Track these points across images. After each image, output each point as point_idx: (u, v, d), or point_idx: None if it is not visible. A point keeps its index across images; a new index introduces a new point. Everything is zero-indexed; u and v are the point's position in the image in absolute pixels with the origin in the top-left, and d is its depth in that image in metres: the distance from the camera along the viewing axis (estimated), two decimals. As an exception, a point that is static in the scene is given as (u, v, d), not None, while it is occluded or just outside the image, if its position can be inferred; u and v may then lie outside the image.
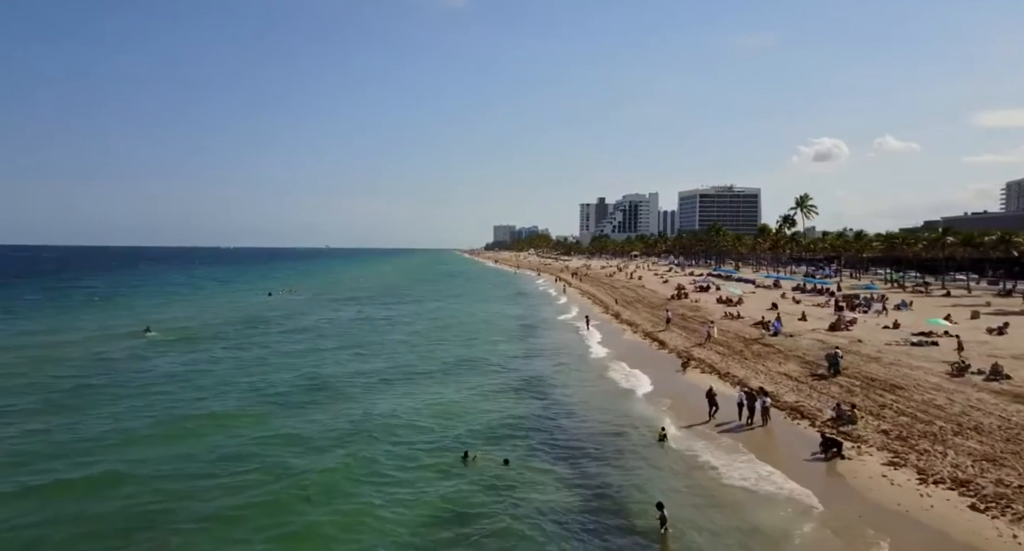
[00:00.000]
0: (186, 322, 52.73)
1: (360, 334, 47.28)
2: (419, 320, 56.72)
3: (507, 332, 48.89)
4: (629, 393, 28.12)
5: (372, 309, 67.25)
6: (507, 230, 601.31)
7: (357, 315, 60.49)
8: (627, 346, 41.05)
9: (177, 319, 54.42)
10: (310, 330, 49.00)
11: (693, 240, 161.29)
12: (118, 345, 40.54)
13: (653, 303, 64.05)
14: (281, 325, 52.10)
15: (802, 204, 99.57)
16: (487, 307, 70.15)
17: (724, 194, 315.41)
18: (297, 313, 61.49)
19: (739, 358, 33.57)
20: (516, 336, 46.71)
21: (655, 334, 43.83)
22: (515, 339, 45.21)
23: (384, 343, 43.08)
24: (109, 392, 27.85)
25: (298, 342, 43.10)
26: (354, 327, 51.46)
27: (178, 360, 35.63)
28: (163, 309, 63.31)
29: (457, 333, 48.18)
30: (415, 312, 64.37)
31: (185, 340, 43.03)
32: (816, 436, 20.40)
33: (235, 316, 57.62)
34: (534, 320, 57.28)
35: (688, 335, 42.16)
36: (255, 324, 52.48)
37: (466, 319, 57.54)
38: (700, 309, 55.37)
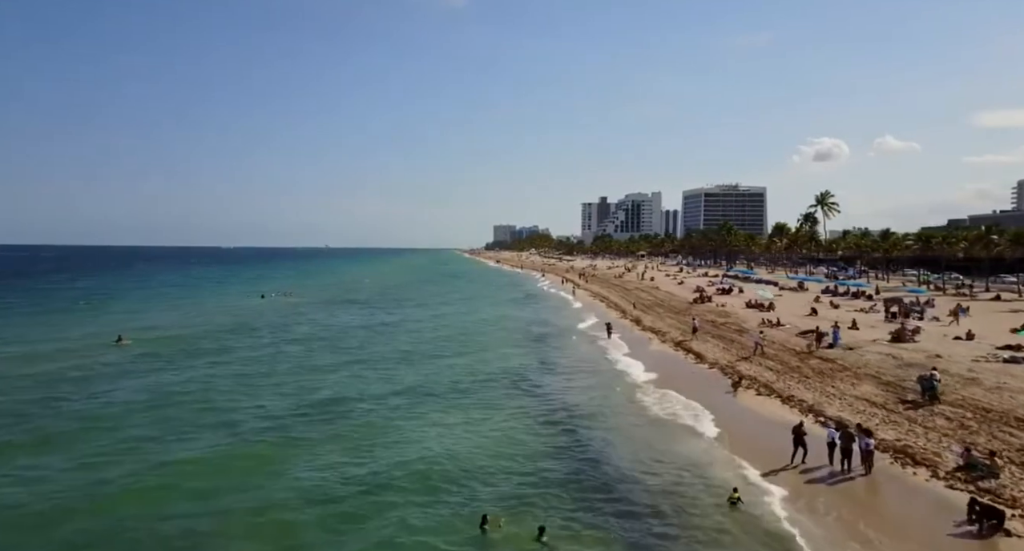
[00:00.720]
0: (168, 329, 47.88)
1: (357, 345, 42.41)
2: (422, 327, 51.85)
3: (520, 342, 44.02)
4: (678, 427, 23.22)
5: (370, 314, 62.41)
6: (507, 230, 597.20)
7: (354, 321, 55.62)
8: (658, 359, 36.15)
9: (159, 326, 49.56)
10: (301, 340, 44.12)
11: (703, 239, 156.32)
12: (84, 359, 35.63)
13: (675, 308, 59.18)
14: (271, 333, 47.23)
15: (823, 201, 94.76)
16: (495, 312, 65.28)
17: (729, 193, 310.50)
18: (290, 319, 56.64)
19: (797, 376, 28.69)
20: (531, 347, 41.84)
21: (687, 344, 38.94)
22: (530, 351, 40.36)
23: (383, 356, 38.19)
24: (40, 430, 22.85)
25: (287, 356, 38.23)
26: (351, 336, 46.59)
27: (144, 381, 30.70)
28: (148, 314, 58.46)
29: (464, 343, 43.33)
30: (417, 317, 59.51)
31: (161, 352, 38.12)
32: (945, 494, 15.58)
33: (222, 322, 52.75)
34: (548, 327, 52.39)
35: (726, 346, 37.27)
36: (242, 332, 47.61)
37: (473, 326, 52.66)
38: (729, 315, 50.49)
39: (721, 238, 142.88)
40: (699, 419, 23.66)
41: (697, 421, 23.46)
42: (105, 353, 37.84)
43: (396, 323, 54.29)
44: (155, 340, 42.53)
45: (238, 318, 56.12)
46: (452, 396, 28.11)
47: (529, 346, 42.29)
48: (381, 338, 45.32)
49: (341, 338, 45.02)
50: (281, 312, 62.18)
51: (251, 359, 36.95)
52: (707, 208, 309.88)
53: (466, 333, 48.75)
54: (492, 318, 58.69)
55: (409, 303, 75.03)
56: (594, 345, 41.94)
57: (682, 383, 29.29)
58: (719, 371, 31.71)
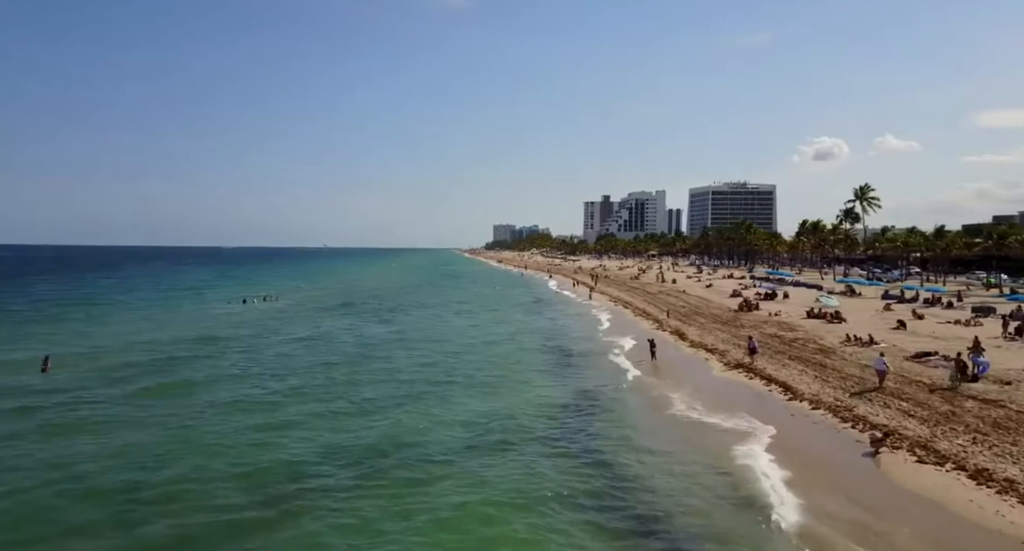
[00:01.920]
0: (114, 349, 38.99)
1: (339, 368, 33.72)
2: (419, 341, 43.14)
3: (542, 366, 35.33)
4: (809, 534, 14.58)
5: (362, 323, 53.75)
6: (507, 229, 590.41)
7: (340, 333, 46.97)
8: (737, 396, 27.49)
9: (106, 345, 40.62)
10: (272, 362, 35.44)
11: (719, 238, 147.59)
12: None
13: (718, 317, 50.53)
14: (237, 350, 38.60)
15: (862, 195, 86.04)
16: (504, 321, 56.63)
17: (738, 191, 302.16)
18: (267, 329, 47.98)
19: (960, 428, 20.02)
20: (556, 373, 33.17)
21: (763, 370, 30.22)
22: (556, 378, 31.71)
23: (372, 387, 29.55)
24: None
25: (247, 385, 29.59)
26: (333, 354, 37.94)
27: (40, 441, 22.05)
28: (103, 326, 49.56)
29: (473, 366, 34.65)
30: (414, 328, 50.87)
31: (86, 385, 29.35)
32: None
33: (184, 335, 44.08)
34: (570, 340, 43.74)
35: (818, 374, 28.55)
36: (203, 348, 38.96)
37: (481, 341, 43.98)
38: (795, 328, 41.88)
39: (740, 237, 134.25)
40: (863, 529, 14.94)
41: (829, 518, 14.76)
42: (24, 381, 29.26)
43: (388, 337, 45.58)
44: (90, 364, 33.77)
45: (207, 331, 47.44)
46: (461, 456, 19.48)
47: (555, 373, 33.51)
48: (367, 361, 36.49)
49: (318, 359, 36.19)
50: (259, 322, 53.50)
51: (196, 389, 28.34)
52: (715, 206, 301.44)
53: (473, 351, 40.10)
54: (502, 330, 50.01)
55: (405, 309, 66.36)
56: (637, 368, 33.09)
57: (794, 439, 20.68)
58: (829, 414, 23.08)
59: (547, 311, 65.71)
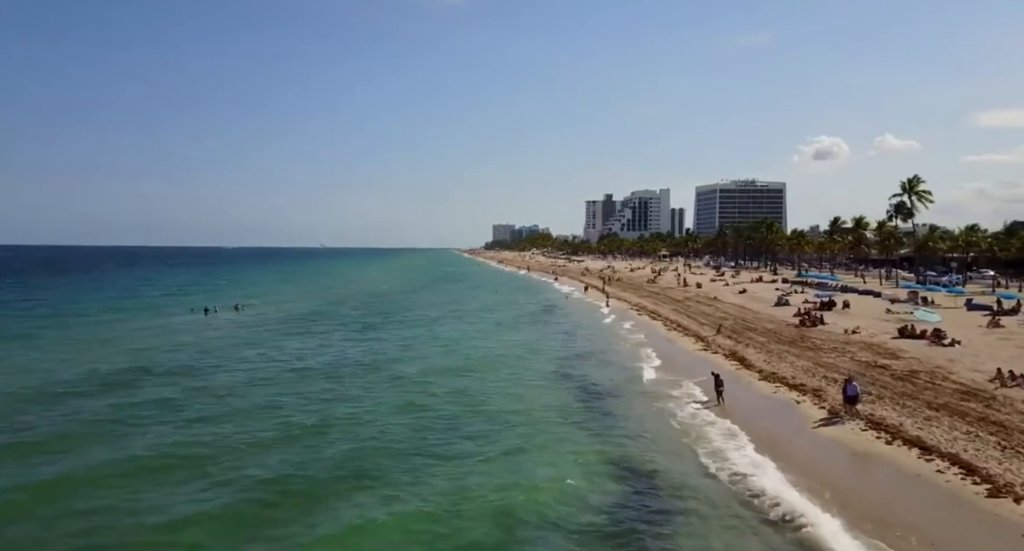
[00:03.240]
0: (7, 381, 29.66)
1: (294, 415, 24.01)
2: (407, 370, 33.38)
3: (569, 409, 25.53)
4: None
5: (340, 339, 44.15)
6: (507, 229, 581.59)
7: (310, 356, 37.31)
8: (868, 473, 17.86)
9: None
10: (206, 406, 25.70)
11: (737, 238, 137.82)
12: None
13: (779, 334, 40.84)
14: (169, 386, 28.92)
15: (911, 189, 76.29)
16: (509, 335, 47.00)
17: (746, 189, 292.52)
18: (211, 353, 38.27)
19: None
20: (591, 426, 23.32)
21: (902, 431, 20.44)
22: (594, 438, 22.01)
23: (332, 448, 19.99)
24: None
25: (146, 454, 19.97)
26: (294, 391, 28.18)
27: None
28: (19, 347, 40.14)
29: (475, 411, 24.94)
30: (403, 347, 41.26)
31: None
32: None
33: (116, 363, 34.19)
34: (598, 369, 34.04)
35: (999, 437, 18.86)
36: (126, 381, 29.43)
37: (486, 367, 34.31)
38: (896, 354, 32.17)
39: (760, 236, 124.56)
40: None
41: None
42: None
43: (370, 361, 35.83)
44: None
45: (145, 351, 37.88)
46: None
47: (586, 416, 23.84)
48: (340, 396, 26.92)
49: (269, 400, 26.40)
50: (210, 341, 43.81)
51: (83, 454, 18.80)
52: (722, 205, 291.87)
53: (476, 378, 30.48)
54: (508, 351, 40.29)
55: (396, 320, 56.66)
56: (716, 432, 23.16)
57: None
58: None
59: (560, 321, 56.05)
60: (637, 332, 47.15)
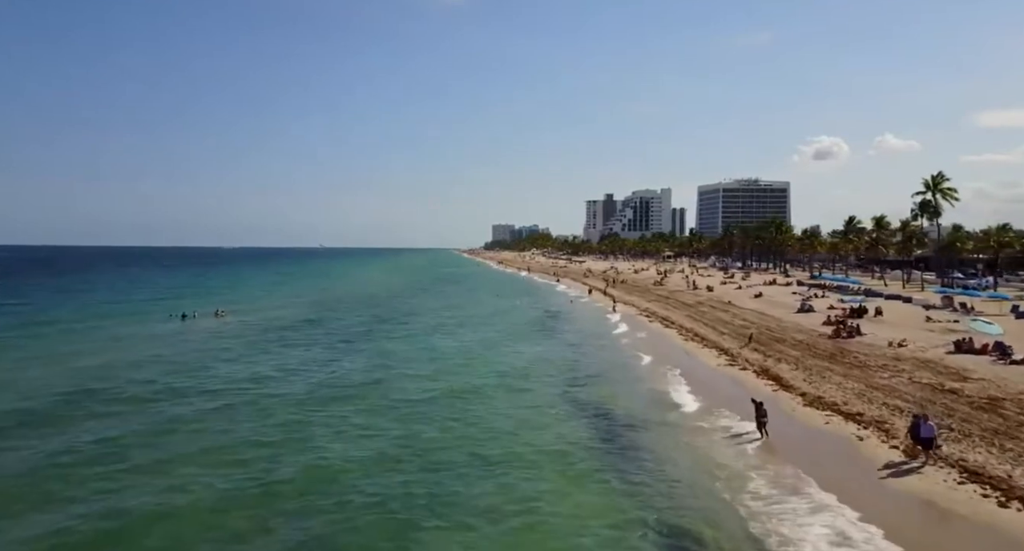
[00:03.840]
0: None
1: (243, 472, 19.67)
2: (394, 397, 29.05)
3: (586, 453, 21.18)
4: None
5: (323, 354, 39.83)
6: (506, 229, 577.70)
7: (281, 379, 32.97)
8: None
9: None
10: (138, 451, 21.33)
11: (745, 238, 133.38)
12: None
13: (812, 347, 36.49)
14: (104, 420, 24.54)
15: (936, 186, 71.95)
16: (511, 347, 42.70)
17: (750, 188, 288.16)
18: (181, 370, 33.94)
19: None
20: (615, 476, 18.83)
21: (1013, 484, 16.21)
22: (618, 493, 17.58)
23: (285, 529, 15.62)
24: None
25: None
26: (252, 428, 23.75)
27: None
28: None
29: (475, 456, 20.56)
30: (393, 363, 36.96)
31: None
32: None
33: (50, 389, 29.90)
34: (614, 391, 29.74)
35: None
36: (54, 416, 25.03)
37: (486, 390, 29.98)
38: (962, 374, 27.82)
39: (769, 236, 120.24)
40: None
41: None
42: None
43: (353, 383, 31.42)
44: None
45: (99, 372, 33.40)
46: None
47: (614, 477, 19.27)
48: (301, 450, 22.38)
49: (219, 443, 21.63)
50: (183, 353, 39.53)
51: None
52: (726, 205, 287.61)
53: (476, 408, 26.19)
54: (515, 367, 35.96)
55: (389, 329, 52.33)
56: (767, 481, 18.67)
57: None
58: None
59: (567, 330, 51.69)
60: (651, 343, 42.87)
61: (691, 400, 27.02)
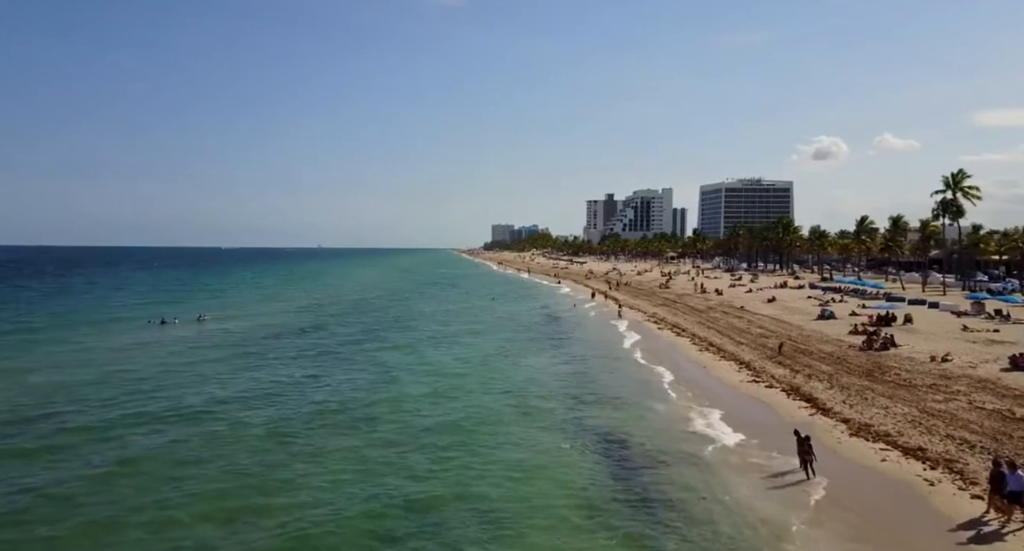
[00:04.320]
0: None
1: (204, 520, 16.24)
2: (375, 429, 25.43)
3: (600, 503, 17.64)
4: None
5: (302, 369, 36.32)
6: (506, 229, 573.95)
7: (257, 396, 29.50)
8: None
9: None
10: (75, 506, 17.91)
11: (751, 239, 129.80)
12: None
13: (842, 361, 32.97)
14: (39, 457, 21.12)
15: (956, 184, 68.50)
16: (515, 367, 39.23)
17: (753, 188, 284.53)
18: (143, 389, 30.48)
19: None
20: (633, 537, 15.60)
21: None
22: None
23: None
24: None
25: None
26: (205, 474, 20.19)
27: None
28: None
29: (469, 512, 17.09)
30: (377, 384, 33.44)
31: None
32: None
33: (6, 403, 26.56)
34: (625, 415, 26.31)
35: None
36: None
37: (481, 419, 26.46)
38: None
39: (776, 236, 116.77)
40: None
41: None
42: None
43: (329, 410, 27.76)
44: None
45: (55, 392, 29.98)
46: None
47: (632, 538, 16.00)
48: (258, 514, 19.04)
49: (158, 501, 18.30)
50: (150, 367, 36.05)
51: None
52: (728, 204, 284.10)
53: (469, 443, 22.71)
54: (514, 390, 32.51)
55: (378, 339, 48.65)
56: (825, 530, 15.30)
57: None
58: None
59: (571, 340, 48.15)
60: (663, 355, 39.34)
61: (717, 428, 23.52)
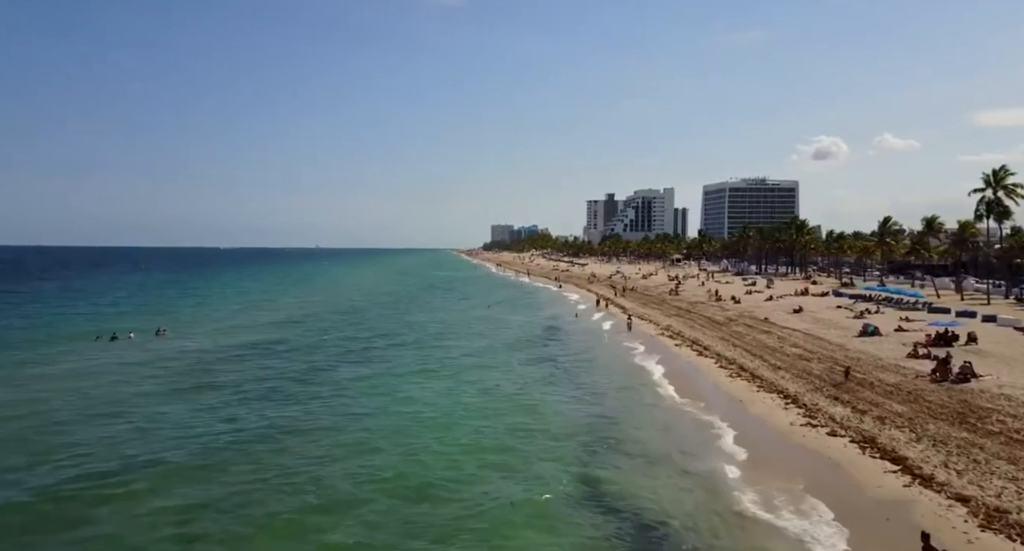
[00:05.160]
0: None
1: None
2: (338, 489, 19.39)
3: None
4: None
5: (260, 400, 30.11)
6: (505, 229, 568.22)
7: (191, 441, 23.36)
8: None
9: None
10: None
11: (762, 240, 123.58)
12: None
13: (923, 398, 26.71)
14: None
15: (998, 182, 62.34)
16: (519, 403, 33.05)
17: (757, 187, 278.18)
18: (73, 420, 24.52)
19: None
20: None
21: None
22: None
23: None
24: None
25: None
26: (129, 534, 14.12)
27: None
28: None
29: None
30: (344, 423, 27.23)
31: None
32: None
33: None
34: (658, 485, 20.17)
35: None
36: None
37: (466, 484, 20.29)
38: None
39: (789, 238, 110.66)
40: None
41: None
42: None
43: (277, 467, 21.69)
44: None
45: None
46: None
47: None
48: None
49: None
50: (86, 396, 29.86)
51: None
52: (732, 204, 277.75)
53: (450, 522, 16.59)
54: (515, 433, 26.28)
55: (355, 361, 42.42)
56: None
57: None
58: None
59: (580, 364, 41.88)
60: (692, 385, 33.13)
61: (787, 510, 17.29)
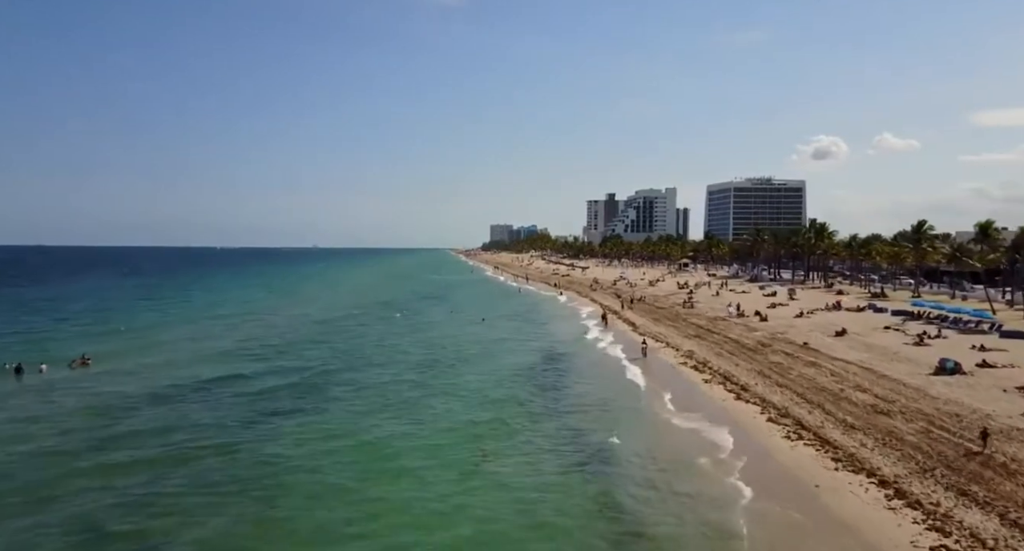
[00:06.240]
0: None
1: None
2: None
3: None
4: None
5: (181, 463, 22.12)
6: (505, 229, 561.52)
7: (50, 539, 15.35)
8: None
9: None
10: None
11: (776, 244, 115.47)
12: None
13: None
14: None
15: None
16: (496, 480, 25.10)
17: (763, 187, 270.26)
18: None
19: None
20: None
21: None
22: None
23: None
24: None
25: None
26: None
27: None
28: None
29: None
30: (285, 504, 19.20)
31: None
32: None
33: None
34: None
35: None
36: None
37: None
38: None
39: (807, 241, 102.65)
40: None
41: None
42: None
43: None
44: None
45: None
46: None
47: None
48: None
49: None
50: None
51: None
52: (737, 205, 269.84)
53: None
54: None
55: (318, 396, 34.42)
56: None
57: None
58: None
59: (594, 417, 33.86)
60: (751, 460, 25.12)
61: None
